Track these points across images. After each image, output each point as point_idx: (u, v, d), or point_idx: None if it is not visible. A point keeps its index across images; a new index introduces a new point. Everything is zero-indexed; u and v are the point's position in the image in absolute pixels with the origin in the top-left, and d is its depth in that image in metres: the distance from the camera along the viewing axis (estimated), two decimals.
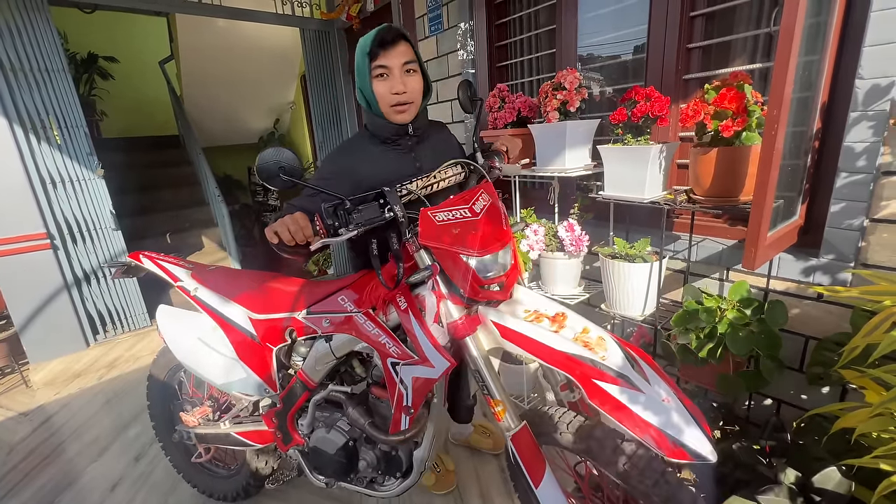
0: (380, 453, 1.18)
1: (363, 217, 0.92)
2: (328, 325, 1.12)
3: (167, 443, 1.68)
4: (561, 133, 1.60)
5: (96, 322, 3.00)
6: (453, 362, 0.96)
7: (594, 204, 1.71)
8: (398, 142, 1.20)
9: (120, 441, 2.10)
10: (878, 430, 0.90)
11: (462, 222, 0.94)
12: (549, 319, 0.94)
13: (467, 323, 0.97)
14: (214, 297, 1.34)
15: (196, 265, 1.49)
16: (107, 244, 3.00)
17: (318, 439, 1.22)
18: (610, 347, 0.86)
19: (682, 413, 0.75)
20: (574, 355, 0.84)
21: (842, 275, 1.27)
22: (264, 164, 0.89)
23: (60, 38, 2.76)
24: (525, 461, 0.95)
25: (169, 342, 1.38)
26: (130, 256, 1.56)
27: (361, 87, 1.14)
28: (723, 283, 1.57)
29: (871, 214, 1.20)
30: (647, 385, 0.79)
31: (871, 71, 1.13)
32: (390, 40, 1.08)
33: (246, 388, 1.29)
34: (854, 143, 1.19)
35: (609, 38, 1.89)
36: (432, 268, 0.95)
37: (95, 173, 2.90)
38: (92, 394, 2.56)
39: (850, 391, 1.28)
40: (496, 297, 0.98)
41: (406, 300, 1.01)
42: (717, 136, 1.24)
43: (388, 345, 1.02)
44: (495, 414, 0.97)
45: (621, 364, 0.82)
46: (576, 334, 0.90)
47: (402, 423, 1.03)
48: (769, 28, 1.40)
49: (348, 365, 1.22)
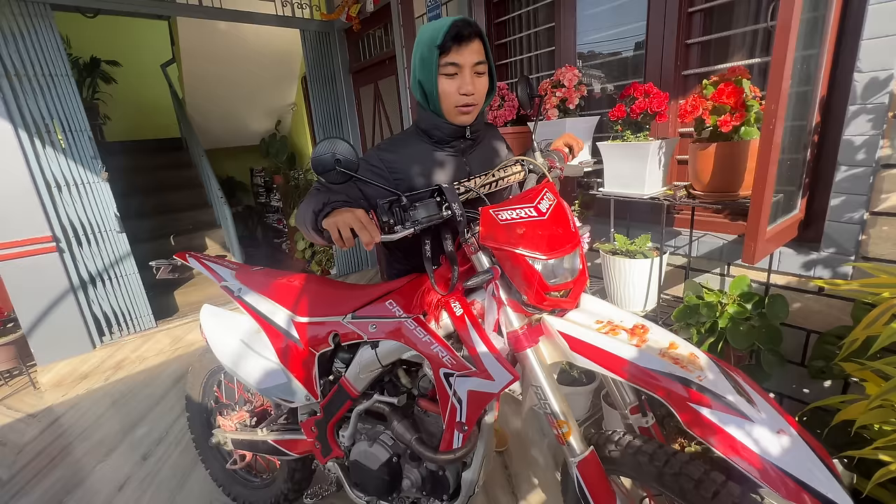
0: (425, 472, 1.09)
1: (420, 215, 0.86)
2: (375, 331, 1.05)
3: (203, 448, 1.67)
4: (560, 130, 1.61)
5: (102, 324, 3.02)
6: (516, 375, 0.86)
7: (595, 200, 1.72)
8: (452, 143, 1.12)
9: (127, 441, 2.12)
10: (878, 422, 0.91)
11: (528, 222, 0.86)
12: (626, 332, 0.83)
13: (529, 333, 0.89)
14: (258, 299, 1.31)
15: (240, 266, 1.48)
16: (112, 247, 3.03)
17: (360, 453, 1.15)
18: (705, 365, 0.74)
19: (802, 447, 0.61)
20: (663, 373, 0.72)
21: (842, 268, 1.27)
22: (321, 157, 0.83)
23: (63, 43, 2.79)
24: (593, 493, 0.84)
25: (211, 342, 1.35)
26: (177, 256, 1.58)
27: (424, 81, 1.04)
28: (723, 278, 1.57)
29: (871, 207, 1.20)
30: (755, 411, 0.66)
31: (869, 64, 1.13)
32: (466, 35, 0.98)
33: (286, 393, 1.23)
34: (853, 137, 1.19)
35: (608, 35, 1.89)
36: (493, 271, 0.87)
37: (100, 176, 2.92)
38: (99, 395, 2.59)
39: (851, 384, 1.28)
40: (562, 306, 0.88)
41: (462, 306, 0.93)
42: (715, 131, 1.24)
43: (440, 354, 0.93)
44: (558, 436, 0.87)
45: (721, 385, 0.70)
46: (662, 349, 0.78)
47: (455, 440, 0.94)
48: (767, 23, 1.40)
49: (393, 374, 1.14)
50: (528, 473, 1.66)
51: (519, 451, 1.78)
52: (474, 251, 0.90)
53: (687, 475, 0.72)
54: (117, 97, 5.88)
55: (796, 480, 0.57)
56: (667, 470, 0.75)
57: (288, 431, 1.37)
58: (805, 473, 0.57)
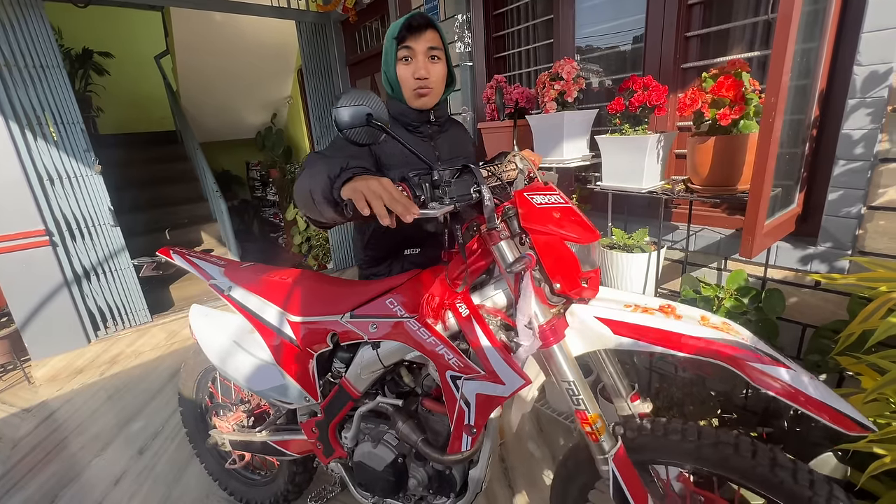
0: (431, 471, 1.08)
1: (457, 192, 0.78)
2: (375, 331, 1.01)
3: (200, 448, 1.64)
4: (559, 124, 1.60)
5: (97, 318, 3.00)
6: (527, 380, 0.83)
7: (592, 195, 1.72)
8: (419, 128, 1.19)
9: (123, 435, 2.11)
10: (873, 416, 0.91)
11: (560, 207, 0.84)
12: (658, 311, 0.82)
13: (558, 326, 0.84)
14: (250, 297, 1.25)
15: (228, 262, 1.42)
16: (106, 240, 3.00)
17: (364, 454, 1.12)
18: (740, 329, 0.78)
19: (829, 389, 0.69)
20: (720, 340, 0.73)
21: (839, 262, 1.27)
22: (352, 108, 0.73)
23: (54, 34, 2.74)
24: (630, 487, 0.81)
25: (202, 344, 1.31)
26: (160, 252, 1.51)
27: (386, 71, 1.15)
28: (721, 273, 1.57)
29: (868, 202, 1.20)
30: (791, 363, 0.72)
31: (869, 57, 1.13)
32: (417, 26, 1.08)
33: (284, 395, 1.19)
34: (852, 131, 1.18)
35: (607, 28, 1.87)
36: (529, 257, 0.81)
37: (93, 169, 2.89)
38: (94, 389, 2.58)
39: (846, 378, 1.29)
40: (587, 295, 0.86)
41: (468, 306, 0.89)
42: (714, 124, 1.23)
43: (447, 356, 0.89)
44: (590, 434, 0.83)
45: (762, 344, 0.74)
46: (700, 322, 0.79)
47: (464, 443, 0.91)
48: (767, 15, 1.39)
49: (395, 373, 1.11)
50: (525, 467, 1.67)
51: (515, 445, 1.79)
52: (502, 238, 0.84)
53: (725, 443, 0.74)
54: (110, 89, 5.80)
55: (846, 415, 0.64)
56: (704, 442, 0.75)
57: (288, 432, 1.33)
58: (844, 406, 0.65)
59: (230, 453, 1.55)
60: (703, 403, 1.42)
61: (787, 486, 0.69)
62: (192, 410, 1.62)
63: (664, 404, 1.48)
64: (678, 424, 0.80)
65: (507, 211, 0.84)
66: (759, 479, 0.71)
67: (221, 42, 4.65)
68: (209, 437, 1.51)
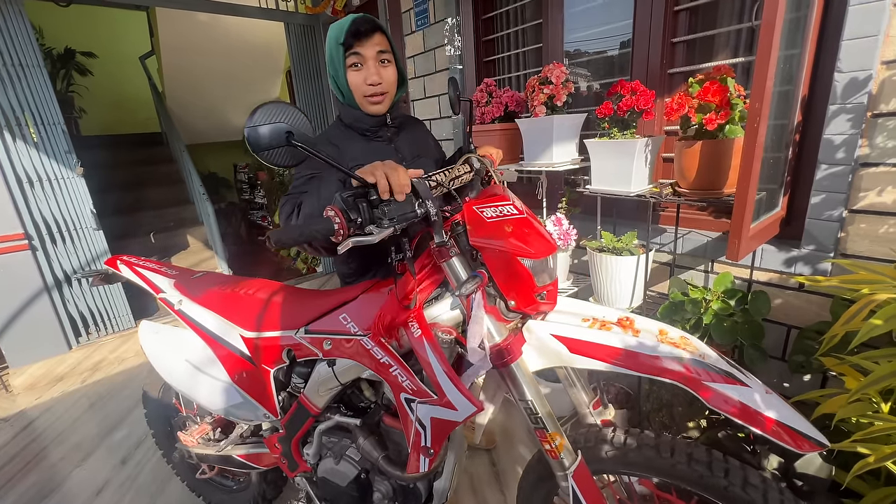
0: (396, 484, 1.06)
1: (397, 211, 0.71)
2: (329, 348, 0.98)
3: (171, 460, 1.61)
4: (548, 127, 1.60)
5: (78, 324, 2.93)
6: (479, 406, 0.81)
7: (582, 198, 1.73)
8: (378, 133, 1.17)
9: (105, 445, 2.06)
10: (856, 416, 0.93)
11: (512, 220, 0.80)
12: (617, 325, 0.81)
13: (514, 343, 0.81)
14: (201, 312, 1.20)
15: (180, 272, 1.37)
16: (88, 244, 2.93)
17: (327, 470, 1.09)
18: (698, 345, 0.77)
19: (783, 403, 0.68)
20: (673, 358, 0.72)
21: (822, 265, 1.30)
22: (265, 127, 0.64)
23: (35, 33, 2.68)
24: (589, 500, 0.80)
25: (154, 363, 1.26)
26: (107, 263, 1.44)
27: (335, 77, 1.10)
28: (708, 275, 1.59)
29: (849, 205, 1.23)
30: (746, 377, 0.71)
31: (849, 64, 1.15)
32: (365, 31, 1.05)
33: (243, 413, 1.16)
34: (833, 136, 1.21)
35: (595, 34, 1.89)
36: (481, 275, 0.78)
37: (75, 172, 2.82)
38: (75, 397, 2.51)
39: (830, 378, 1.31)
40: (544, 309, 0.84)
41: (419, 325, 0.85)
42: (701, 129, 1.25)
43: (400, 377, 0.86)
44: (550, 451, 0.81)
45: (720, 361, 0.73)
46: (657, 337, 0.78)
47: (422, 465, 0.90)
48: (751, 22, 1.42)
49: (356, 388, 1.09)
50: (516, 471, 1.66)
51: (506, 448, 1.79)
52: (452, 255, 0.81)
53: (697, 460, 0.73)
54: (94, 90, 5.70)
55: (799, 433, 0.65)
56: (677, 459, 0.74)
57: (254, 445, 1.29)
58: (799, 424, 0.65)
59: (199, 465, 1.51)
60: (692, 404, 1.43)
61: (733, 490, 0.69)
62: (161, 427, 1.57)
63: (654, 407, 1.49)
64: (650, 438, 0.79)
65: (455, 226, 0.81)
66: (716, 491, 0.72)
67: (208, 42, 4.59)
68: (175, 450, 1.46)
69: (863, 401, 0.94)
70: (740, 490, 0.69)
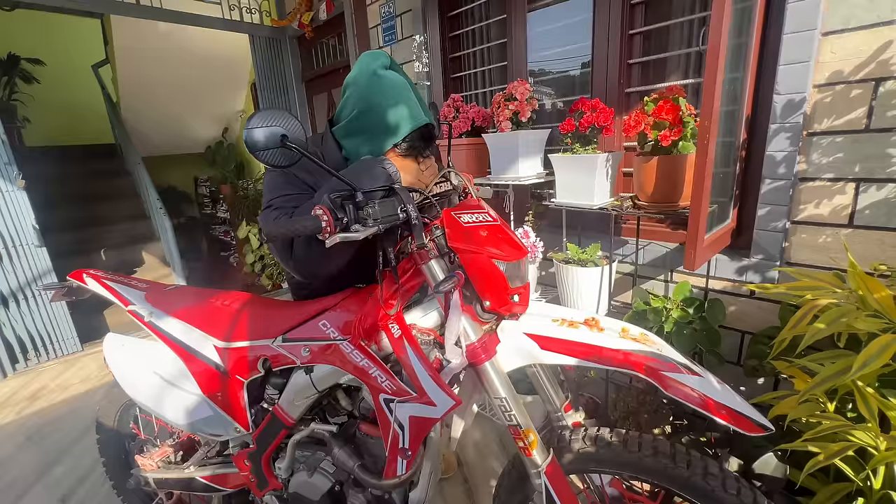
0: (371, 496, 1.05)
1: (381, 213, 0.77)
2: (308, 355, 0.99)
3: (122, 490, 1.49)
4: (513, 142, 1.64)
5: (15, 349, 2.70)
6: (458, 400, 0.84)
7: (548, 211, 1.76)
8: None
9: (43, 482, 1.87)
10: (806, 416, 0.97)
11: (487, 226, 0.86)
12: (583, 325, 0.87)
13: (489, 343, 0.85)
14: (174, 324, 1.17)
15: (151, 285, 1.32)
16: (29, 262, 2.72)
17: (300, 484, 1.07)
18: (656, 340, 0.84)
19: (734, 392, 0.75)
20: (636, 352, 0.79)
21: (770, 273, 1.38)
22: (262, 129, 0.70)
23: None
24: (561, 497, 0.84)
25: (119, 377, 1.21)
26: (72, 276, 1.37)
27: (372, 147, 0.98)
28: (668, 284, 1.65)
29: (791, 217, 1.32)
30: (701, 368, 0.78)
31: (786, 87, 1.25)
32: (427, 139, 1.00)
33: (213, 427, 1.12)
34: (775, 153, 1.30)
35: (557, 53, 1.97)
36: (458, 276, 0.82)
37: (15, 184, 2.63)
38: (9, 431, 2.28)
39: (782, 381, 1.38)
40: (517, 310, 0.88)
41: (400, 327, 0.89)
42: (657, 145, 1.31)
43: (379, 378, 0.89)
44: (524, 449, 0.85)
45: (675, 354, 0.80)
46: (620, 334, 0.85)
47: (399, 467, 0.91)
48: (699, 47, 1.51)
49: (331, 397, 1.08)
50: (488, 486, 1.64)
51: (478, 464, 1.76)
52: (431, 257, 0.85)
53: (662, 453, 0.79)
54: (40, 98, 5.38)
55: (749, 418, 0.71)
56: (644, 453, 0.80)
57: (220, 466, 1.25)
58: (748, 410, 0.72)
59: (156, 493, 1.41)
60: (657, 412, 1.46)
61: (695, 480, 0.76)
62: (114, 454, 1.46)
63: (621, 415, 1.52)
64: (620, 435, 0.85)
65: (434, 230, 0.85)
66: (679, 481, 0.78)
67: (168, 53, 4.45)
68: (131, 476, 1.36)
69: (811, 401, 0.99)
70: (701, 480, 0.75)
